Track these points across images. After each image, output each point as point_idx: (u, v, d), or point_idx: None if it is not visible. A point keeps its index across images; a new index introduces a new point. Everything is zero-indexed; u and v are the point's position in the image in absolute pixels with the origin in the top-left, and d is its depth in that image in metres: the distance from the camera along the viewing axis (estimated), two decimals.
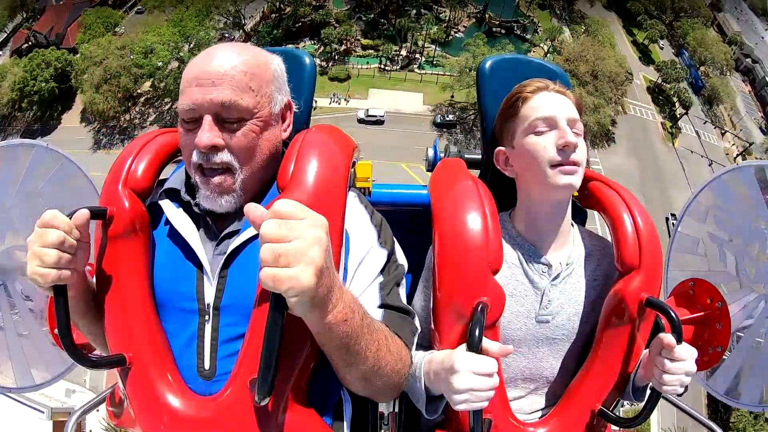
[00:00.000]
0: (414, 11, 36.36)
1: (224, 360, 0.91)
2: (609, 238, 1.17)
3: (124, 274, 0.93)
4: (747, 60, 40.94)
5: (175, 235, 0.98)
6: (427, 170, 1.56)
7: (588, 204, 1.26)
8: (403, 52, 34.70)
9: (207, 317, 0.92)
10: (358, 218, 1.02)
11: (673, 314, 0.96)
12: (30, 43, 35.14)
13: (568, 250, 1.17)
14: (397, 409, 1.75)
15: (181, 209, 0.98)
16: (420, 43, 35.31)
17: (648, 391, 1.07)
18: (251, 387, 0.83)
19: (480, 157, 1.49)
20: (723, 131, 34.66)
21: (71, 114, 31.12)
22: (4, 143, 1.44)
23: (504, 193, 1.22)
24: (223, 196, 0.95)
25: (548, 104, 1.10)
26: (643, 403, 1.05)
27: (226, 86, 0.90)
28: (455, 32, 37.29)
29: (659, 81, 36.06)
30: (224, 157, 0.92)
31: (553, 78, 1.21)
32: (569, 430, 1.11)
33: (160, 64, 28.95)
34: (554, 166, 1.06)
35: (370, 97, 31.84)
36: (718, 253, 1.50)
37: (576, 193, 1.29)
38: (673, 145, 32.38)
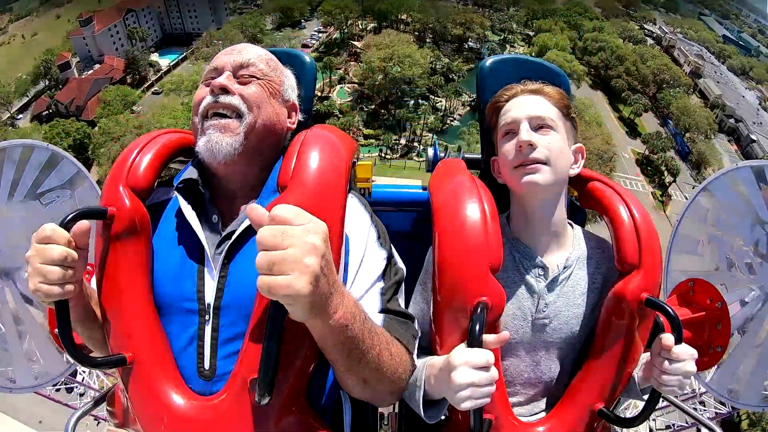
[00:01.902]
0: (412, 101, 38.80)
1: (224, 360, 0.91)
2: (609, 238, 1.17)
3: (125, 274, 0.93)
4: (730, 120, 43.19)
5: (176, 235, 0.98)
6: (427, 170, 1.56)
7: (587, 204, 1.25)
8: (403, 141, 36.93)
9: (207, 317, 0.92)
10: (357, 220, 1.02)
11: (672, 314, 0.96)
12: (50, 110, 37.10)
13: (566, 252, 1.17)
14: (397, 410, 1.74)
15: (188, 205, 0.98)
16: (418, 131, 37.55)
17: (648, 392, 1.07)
18: (251, 387, 0.83)
19: (480, 157, 1.49)
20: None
21: None
22: (5, 143, 1.44)
23: (504, 193, 1.22)
24: (225, 137, 0.97)
25: (513, 108, 1.14)
26: (643, 403, 1.04)
27: (244, 54, 1.05)
28: (451, 120, 39.64)
29: (646, 152, 37.85)
30: (234, 100, 1.00)
31: (552, 78, 1.21)
32: (569, 430, 1.10)
33: None
34: (516, 167, 1.10)
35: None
36: (718, 253, 1.50)
37: (575, 193, 1.29)
38: (665, 212, 33.39)
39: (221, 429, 0.86)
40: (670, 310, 0.97)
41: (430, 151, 1.70)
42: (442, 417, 1.05)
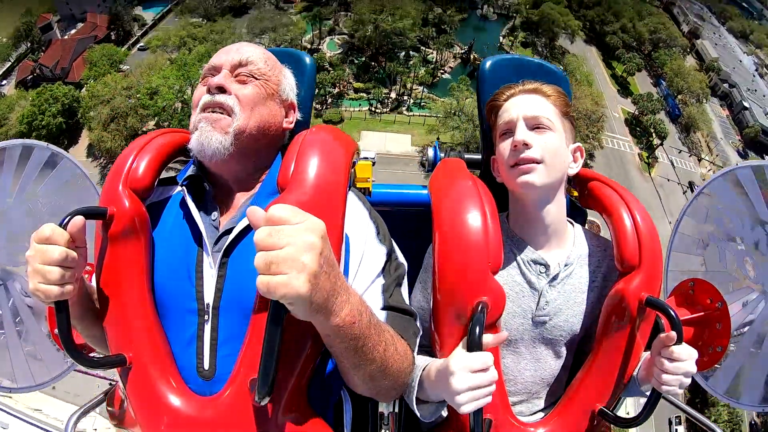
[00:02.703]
0: (403, 53, 38.26)
1: (224, 360, 0.91)
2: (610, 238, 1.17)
3: (124, 275, 0.93)
4: (724, 85, 42.49)
5: (176, 235, 0.98)
6: (427, 170, 1.56)
7: (587, 204, 1.26)
8: (393, 95, 36.41)
9: (207, 317, 0.92)
10: (357, 216, 1.02)
11: (673, 314, 0.96)
12: (35, 74, 36.13)
13: (567, 250, 1.17)
14: (397, 410, 1.74)
15: (193, 203, 0.99)
16: (408, 85, 37.06)
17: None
18: (251, 387, 0.83)
19: (480, 157, 1.49)
20: (699, 158, 35.87)
21: (77, 148, 31.84)
22: (5, 143, 1.44)
23: (504, 193, 1.22)
24: (215, 132, 0.98)
25: (510, 108, 1.14)
26: (644, 403, 1.04)
27: (243, 52, 1.06)
28: (441, 73, 39.06)
29: (636, 113, 37.37)
30: (228, 100, 1.00)
31: (551, 78, 1.21)
32: (569, 430, 1.11)
33: (164, 105, 29.89)
34: (512, 166, 1.10)
35: (362, 138, 32.82)
36: (718, 253, 1.50)
37: (575, 193, 1.29)
38: (650, 174, 33.24)
39: (221, 429, 0.86)
40: (670, 310, 0.97)
41: (430, 151, 1.70)
42: (443, 415, 1.05)
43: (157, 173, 1.04)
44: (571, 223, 1.22)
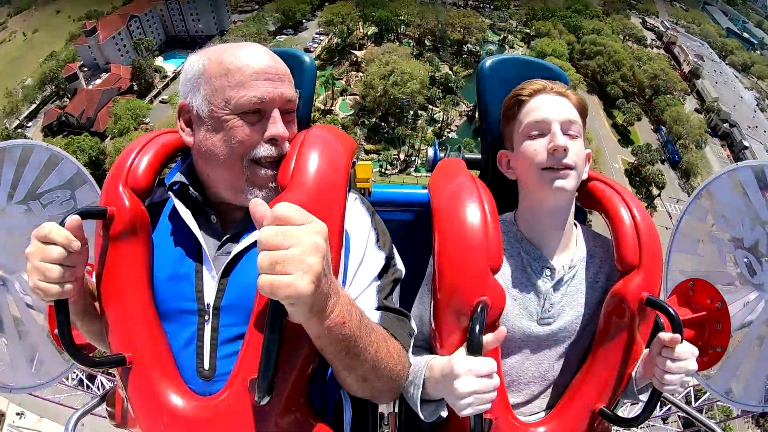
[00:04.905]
0: (411, 112, 39.81)
1: (224, 360, 0.91)
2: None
3: (124, 274, 0.93)
4: (725, 125, 43.39)
5: (175, 235, 0.98)
6: (427, 170, 1.56)
7: (588, 204, 1.25)
8: (401, 156, 37.99)
9: (207, 317, 0.92)
10: (358, 219, 1.02)
11: (673, 313, 0.96)
12: (60, 121, 38.17)
13: (571, 252, 1.17)
14: (397, 410, 1.74)
15: (183, 206, 0.97)
16: (416, 146, 38.49)
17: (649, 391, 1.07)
18: (251, 387, 0.83)
19: (480, 157, 1.49)
20: None
21: None
22: (5, 143, 1.44)
23: (504, 193, 1.22)
24: (268, 186, 0.96)
25: (543, 107, 1.10)
26: (644, 402, 1.04)
27: (287, 83, 0.97)
28: (448, 132, 40.46)
29: (636, 163, 38.56)
30: (285, 147, 0.97)
31: (553, 78, 1.21)
32: (570, 430, 1.10)
33: None
34: (545, 169, 1.07)
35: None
36: (718, 253, 1.49)
37: (575, 193, 1.29)
38: None
39: (221, 429, 0.86)
40: (670, 309, 0.97)
41: (430, 151, 1.70)
42: (443, 415, 1.05)
43: (157, 174, 1.04)
44: (575, 225, 1.21)
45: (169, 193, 0.98)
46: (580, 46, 49.00)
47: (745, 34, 58.21)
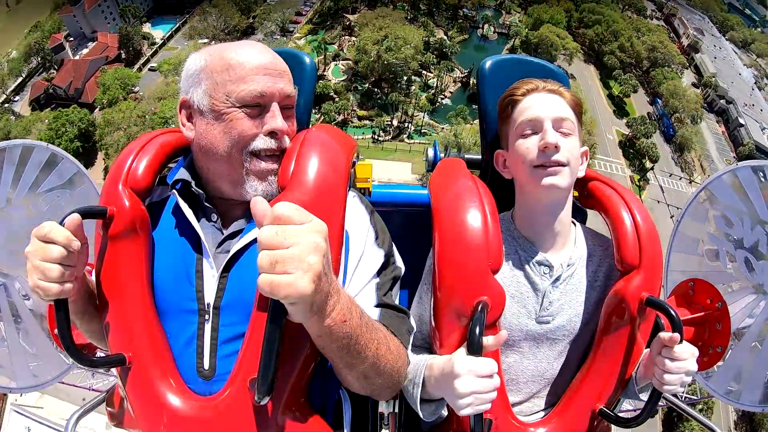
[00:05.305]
0: (405, 78, 39.23)
1: (224, 360, 0.91)
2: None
3: (124, 274, 0.93)
4: (721, 101, 42.98)
5: (176, 234, 0.98)
6: (427, 170, 1.56)
7: (588, 204, 1.26)
8: (395, 122, 37.36)
9: (207, 317, 0.92)
10: (357, 218, 1.02)
11: (673, 313, 0.96)
12: (48, 94, 37.25)
13: (569, 250, 1.17)
14: (397, 409, 1.74)
15: (186, 204, 0.97)
16: (410, 112, 37.99)
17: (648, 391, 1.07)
18: (251, 387, 0.83)
19: (480, 157, 1.49)
20: (690, 180, 36.72)
21: (95, 171, 32.43)
22: (5, 143, 1.44)
23: (504, 193, 1.22)
24: (264, 184, 0.97)
25: (535, 106, 1.11)
26: (644, 402, 1.04)
27: (286, 79, 0.99)
28: (442, 99, 39.90)
29: (630, 135, 38.21)
30: (285, 142, 0.98)
31: (552, 78, 1.21)
32: (570, 430, 1.11)
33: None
34: (536, 167, 1.08)
35: None
36: (719, 253, 1.49)
37: (576, 193, 1.29)
38: (641, 197, 34.10)
39: (221, 429, 0.86)
40: (670, 309, 0.97)
41: (430, 151, 1.70)
42: (443, 414, 1.05)
43: (157, 173, 1.04)
44: (574, 224, 1.22)
45: (173, 191, 0.99)
46: (579, 14, 47.51)
47: (747, 10, 56.97)
